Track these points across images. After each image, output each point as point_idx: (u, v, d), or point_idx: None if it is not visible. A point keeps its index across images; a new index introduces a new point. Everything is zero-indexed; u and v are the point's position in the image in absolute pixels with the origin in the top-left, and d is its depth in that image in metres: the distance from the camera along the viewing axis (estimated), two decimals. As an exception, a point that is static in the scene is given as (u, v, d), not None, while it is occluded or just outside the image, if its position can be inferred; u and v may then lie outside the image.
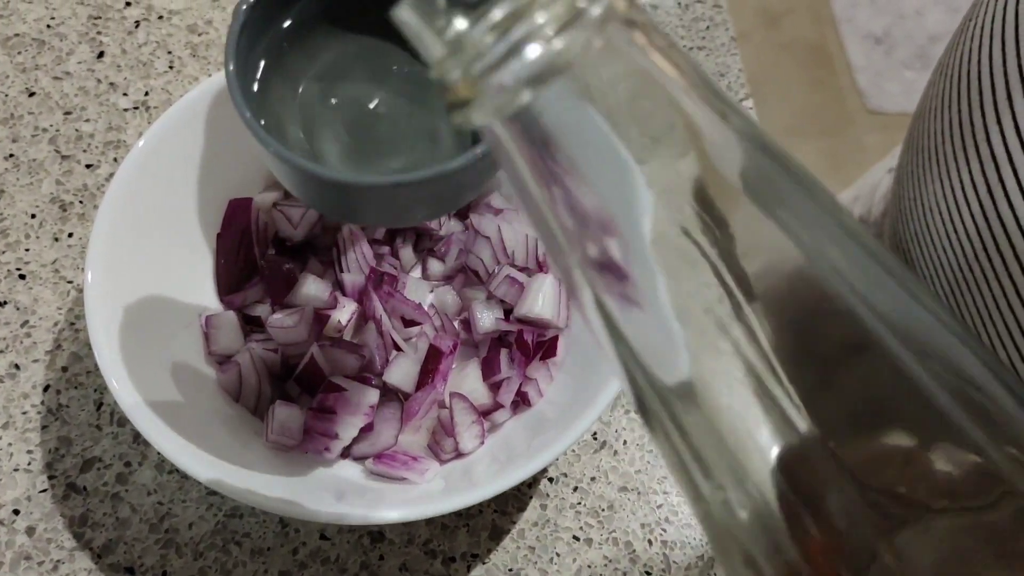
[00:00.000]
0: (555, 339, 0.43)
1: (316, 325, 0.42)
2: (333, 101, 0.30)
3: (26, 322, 0.45)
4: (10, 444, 0.42)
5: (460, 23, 0.15)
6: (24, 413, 0.43)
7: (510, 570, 0.41)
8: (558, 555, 0.41)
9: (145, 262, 0.41)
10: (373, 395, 0.40)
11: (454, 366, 0.42)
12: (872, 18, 1.85)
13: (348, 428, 0.39)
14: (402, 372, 0.41)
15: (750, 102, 0.53)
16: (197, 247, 0.43)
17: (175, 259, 0.42)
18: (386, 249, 0.45)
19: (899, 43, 1.81)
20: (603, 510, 0.42)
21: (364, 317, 0.44)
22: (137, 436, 0.43)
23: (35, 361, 0.44)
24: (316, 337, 0.42)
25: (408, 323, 0.43)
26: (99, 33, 0.54)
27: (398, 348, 0.42)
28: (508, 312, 0.43)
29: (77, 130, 0.51)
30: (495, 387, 0.42)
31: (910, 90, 1.74)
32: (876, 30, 1.83)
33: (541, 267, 0.44)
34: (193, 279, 0.43)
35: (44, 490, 0.42)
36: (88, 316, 0.37)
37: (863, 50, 1.81)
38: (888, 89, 1.75)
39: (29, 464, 0.42)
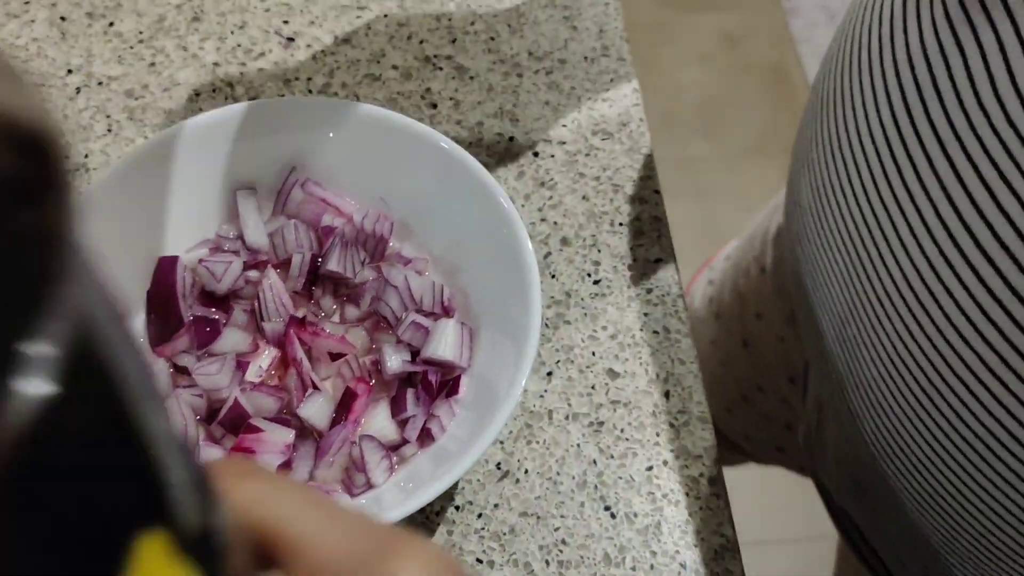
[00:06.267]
0: (458, 378, 0.46)
1: (238, 371, 0.46)
2: None
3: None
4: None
5: None
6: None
7: (419, 592, 0.44)
8: (464, 577, 0.45)
9: (79, 318, 0.44)
10: (289, 435, 0.44)
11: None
12: (829, 39, 1.90)
13: (266, 466, 0.43)
14: (316, 408, 0.45)
15: (647, 146, 0.57)
16: (129, 302, 0.47)
17: (108, 314, 0.46)
18: (305, 298, 0.49)
19: (852, 64, 1.86)
20: (504, 534, 0.46)
21: (284, 362, 0.47)
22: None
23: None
24: (238, 382, 0.46)
25: (334, 356, 0.47)
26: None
27: (316, 387, 0.46)
28: (415, 354, 0.47)
29: (23, 192, 0.55)
30: (402, 423, 0.45)
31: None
32: (829, 51, 1.88)
33: (447, 311, 0.48)
34: (125, 332, 0.46)
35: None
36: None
37: (817, 71, 1.86)
38: (842, 108, 1.80)
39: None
